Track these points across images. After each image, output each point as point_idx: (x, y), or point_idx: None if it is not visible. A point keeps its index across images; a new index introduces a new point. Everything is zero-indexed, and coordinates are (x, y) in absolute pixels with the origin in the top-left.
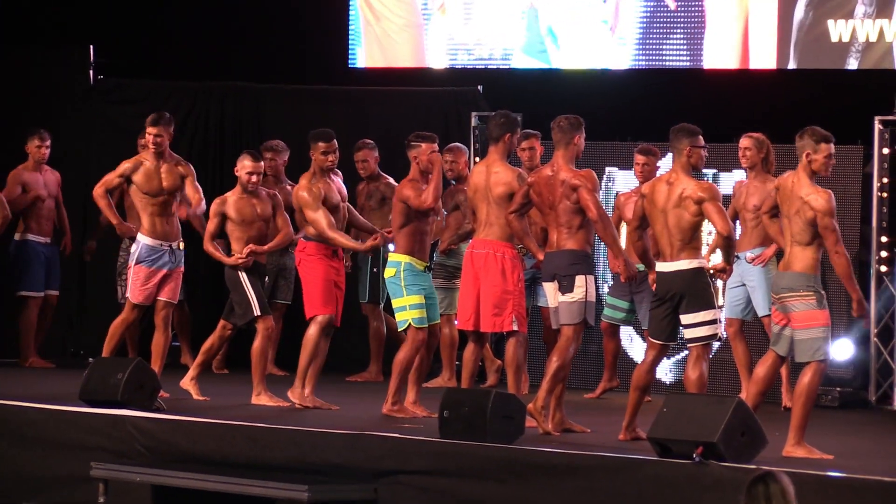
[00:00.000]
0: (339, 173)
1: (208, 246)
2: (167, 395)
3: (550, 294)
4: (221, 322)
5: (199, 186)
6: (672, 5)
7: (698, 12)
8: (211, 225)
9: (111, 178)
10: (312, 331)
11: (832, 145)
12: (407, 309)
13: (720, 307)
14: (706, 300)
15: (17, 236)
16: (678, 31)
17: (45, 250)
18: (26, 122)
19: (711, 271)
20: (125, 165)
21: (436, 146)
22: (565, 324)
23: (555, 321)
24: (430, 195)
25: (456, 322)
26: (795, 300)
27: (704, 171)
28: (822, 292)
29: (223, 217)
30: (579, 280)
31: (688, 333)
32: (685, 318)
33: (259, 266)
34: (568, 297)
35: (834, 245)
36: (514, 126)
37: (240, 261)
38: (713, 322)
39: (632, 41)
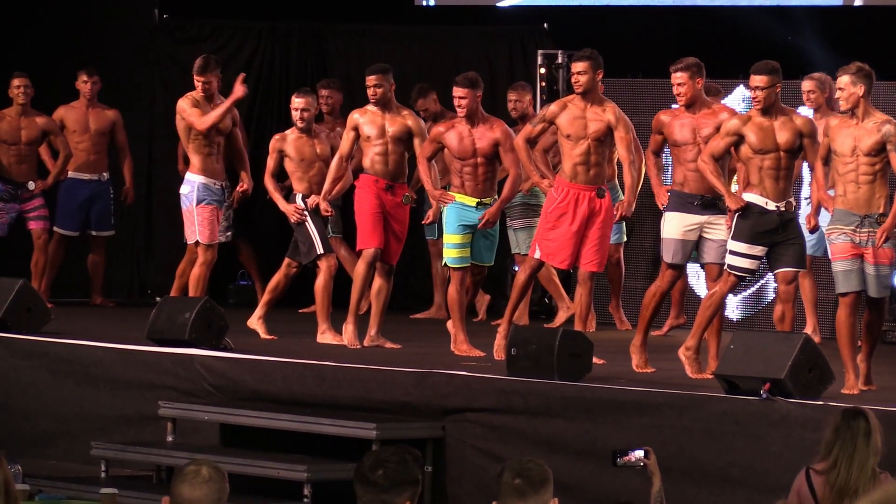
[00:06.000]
0: (405, 113)
1: (267, 183)
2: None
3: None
4: (286, 260)
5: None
6: None
7: None
8: (270, 161)
9: (196, 121)
10: (359, 265)
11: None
12: (445, 247)
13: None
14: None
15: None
16: None
17: (89, 189)
18: (91, 61)
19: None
20: (185, 104)
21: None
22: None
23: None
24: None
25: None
26: None
27: None
28: (835, 226)
29: (281, 154)
30: None
31: None
32: None
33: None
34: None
35: None
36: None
37: (294, 214)
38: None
39: None
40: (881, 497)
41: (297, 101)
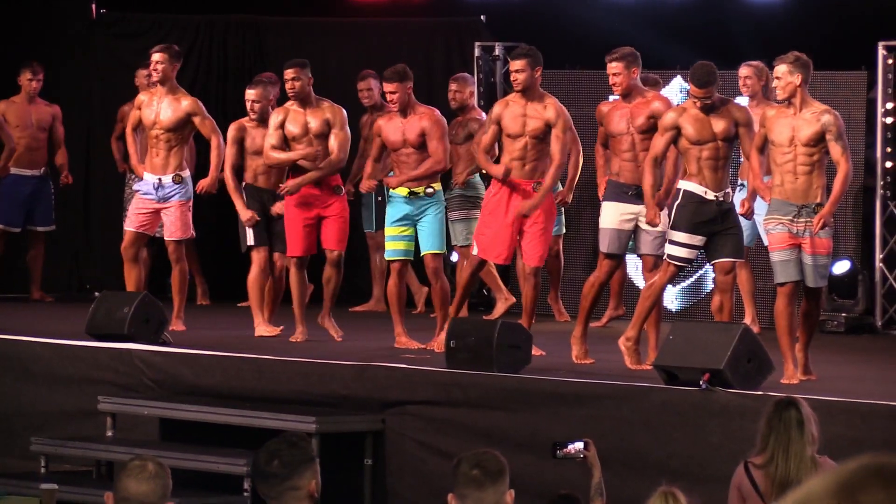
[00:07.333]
0: (328, 106)
1: (229, 179)
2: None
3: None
4: (275, 254)
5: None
6: None
7: None
8: (229, 153)
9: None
10: (291, 273)
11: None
12: (386, 240)
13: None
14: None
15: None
16: None
17: (31, 184)
18: (28, 56)
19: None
20: (140, 98)
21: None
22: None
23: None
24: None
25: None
26: None
27: None
28: (772, 216)
29: (241, 145)
30: None
31: None
32: None
33: (261, 194)
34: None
35: None
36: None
37: (247, 219)
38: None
39: None
40: (800, 498)
41: (248, 93)
